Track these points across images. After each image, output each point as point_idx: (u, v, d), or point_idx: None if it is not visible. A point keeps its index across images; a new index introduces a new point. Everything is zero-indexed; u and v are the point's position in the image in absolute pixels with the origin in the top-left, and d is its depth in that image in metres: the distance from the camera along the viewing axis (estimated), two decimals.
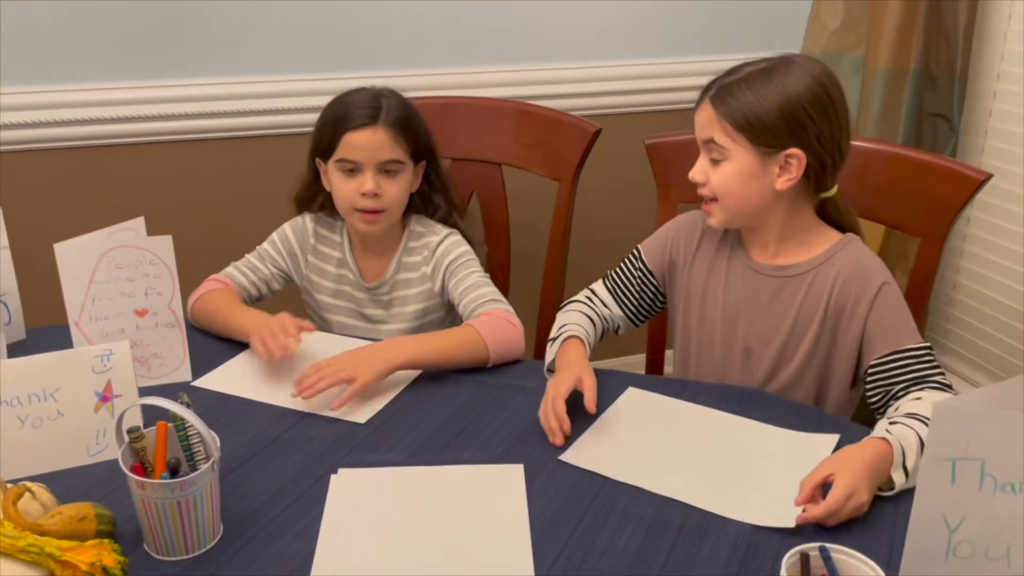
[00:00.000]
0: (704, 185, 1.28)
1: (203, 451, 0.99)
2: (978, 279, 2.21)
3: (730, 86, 1.23)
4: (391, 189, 1.44)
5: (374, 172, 1.42)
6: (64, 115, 1.87)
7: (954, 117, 2.05)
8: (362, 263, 1.54)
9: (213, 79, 1.94)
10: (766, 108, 1.20)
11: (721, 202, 1.27)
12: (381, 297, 1.53)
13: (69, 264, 1.23)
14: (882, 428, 1.11)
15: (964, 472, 0.82)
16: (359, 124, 1.41)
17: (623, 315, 1.43)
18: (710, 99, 1.25)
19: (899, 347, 1.22)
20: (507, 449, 1.15)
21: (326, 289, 1.55)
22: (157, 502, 0.93)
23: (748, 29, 2.27)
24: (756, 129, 1.21)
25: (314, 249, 1.55)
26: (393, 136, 1.42)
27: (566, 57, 2.16)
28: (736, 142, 1.23)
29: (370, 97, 1.44)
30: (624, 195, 2.24)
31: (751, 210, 1.28)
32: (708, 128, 1.25)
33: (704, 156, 1.28)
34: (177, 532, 0.95)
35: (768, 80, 1.21)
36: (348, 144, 1.42)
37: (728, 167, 1.25)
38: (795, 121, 1.20)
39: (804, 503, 1.01)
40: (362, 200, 1.43)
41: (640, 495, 1.06)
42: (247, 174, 2.03)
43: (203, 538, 0.97)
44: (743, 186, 1.25)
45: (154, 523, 0.94)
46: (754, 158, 1.23)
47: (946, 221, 1.38)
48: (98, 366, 1.12)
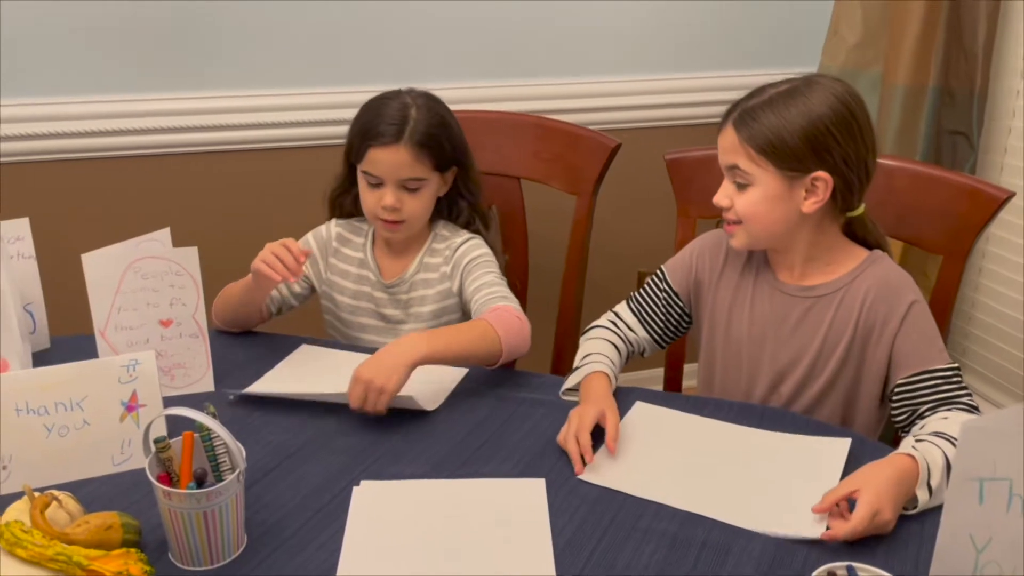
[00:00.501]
0: (729, 210, 1.26)
1: (228, 461, 1.00)
2: (996, 297, 2.20)
3: (753, 110, 1.22)
4: (412, 203, 1.47)
5: (394, 188, 1.45)
6: (92, 126, 1.90)
7: (973, 134, 2.05)
8: (383, 263, 1.56)
9: (239, 91, 1.96)
10: (790, 131, 1.19)
11: (746, 226, 1.26)
12: (399, 296, 1.55)
13: (96, 274, 1.24)
14: (908, 445, 1.11)
15: (992, 492, 0.82)
16: (382, 142, 1.43)
17: (649, 338, 1.43)
18: (733, 123, 1.23)
19: (928, 367, 1.21)
20: (528, 463, 1.15)
21: (347, 290, 1.57)
22: (183, 512, 0.94)
23: (767, 45, 2.28)
24: (781, 153, 1.20)
25: (336, 252, 1.57)
26: (415, 154, 1.43)
27: (586, 71, 2.17)
28: (761, 167, 1.21)
29: (399, 109, 1.45)
30: (642, 210, 2.24)
31: (777, 233, 1.26)
32: (732, 154, 1.24)
33: (728, 180, 1.26)
34: (202, 542, 0.95)
35: (791, 102, 1.20)
36: (371, 159, 1.44)
37: (754, 192, 1.23)
38: (820, 144, 1.19)
39: (821, 512, 1.01)
40: (382, 211, 1.46)
41: (663, 511, 1.06)
42: (272, 185, 2.05)
43: (228, 549, 0.98)
44: (769, 211, 1.23)
45: (180, 533, 0.95)
46: (780, 182, 1.22)
47: (968, 239, 1.38)
48: (124, 376, 1.12)
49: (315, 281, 1.59)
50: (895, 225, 1.45)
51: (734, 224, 1.27)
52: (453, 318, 1.56)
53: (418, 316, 1.55)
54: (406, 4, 1.99)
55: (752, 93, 1.24)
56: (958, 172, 1.51)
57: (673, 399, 1.32)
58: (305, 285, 1.59)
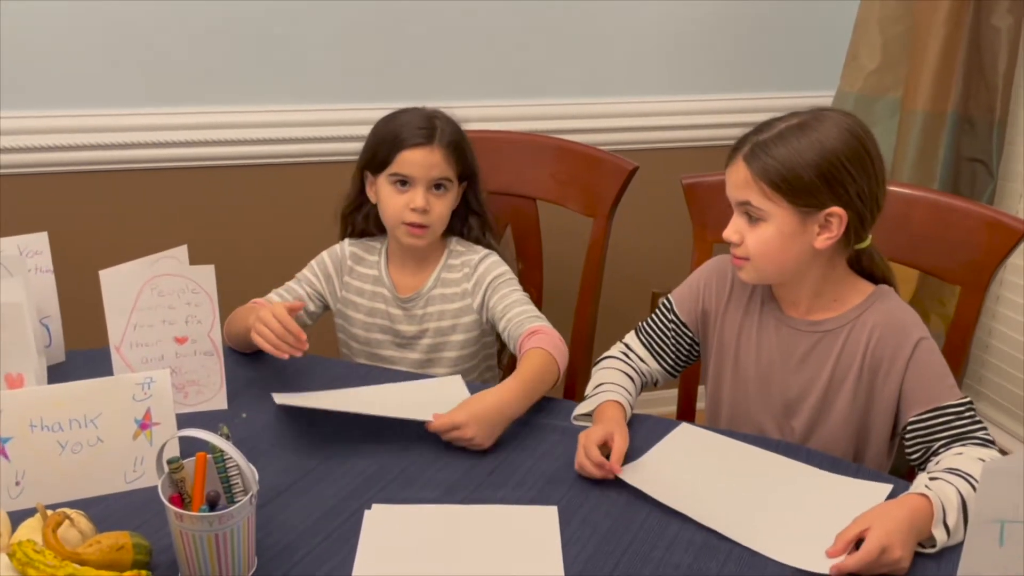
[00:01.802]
0: (739, 245, 1.24)
1: (241, 483, 1.00)
2: (1014, 325, 2.18)
3: (765, 144, 1.19)
4: (438, 206, 1.49)
5: (425, 188, 1.47)
6: (111, 139, 1.91)
7: (992, 162, 2.04)
8: (398, 279, 1.57)
9: (257, 107, 1.97)
10: (804, 166, 1.17)
11: (755, 262, 1.24)
12: (415, 312, 1.55)
13: (113, 291, 1.25)
14: (921, 484, 1.09)
15: (1012, 534, 0.81)
16: (416, 143, 1.46)
17: (660, 368, 1.42)
18: (744, 158, 1.21)
19: (938, 404, 1.20)
20: (541, 490, 1.15)
21: (361, 307, 1.57)
22: (195, 534, 0.93)
23: (785, 68, 2.28)
24: (795, 189, 1.18)
25: (351, 271, 1.58)
26: (446, 156, 1.48)
27: (603, 92, 2.17)
28: (774, 202, 1.19)
29: (424, 118, 1.50)
30: (658, 231, 2.24)
31: (788, 270, 1.24)
32: (743, 190, 1.21)
33: (738, 214, 1.24)
34: (213, 565, 0.95)
35: (803, 136, 1.18)
36: (404, 160, 1.47)
37: (766, 229, 1.21)
38: (835, 179, 1.17)
39: (835, 555, 1.00)
40: (411, 215, 1.47)
41: (677, 542, 1.05)
42: (289, 201, 2.05)
43: (238, 571, 0.97)
44: (781, 248, 1.21)
45: (191, 554, 0.95)
46: (794, 218, 1.20)
47: (987, 272, 1.36)
48: (139, 394, 1.13)
49: (330, 300, 1.59)
50: (913, 254, 1.44)
51: (742, 259, 1.25)
52: (469, 336, 1.56)
53: (432, 332, 1.55)
54: (425, 22, 2.00)
55: (760, 127, 1.22)
56: (978, 203, 1.50)
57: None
58: (320, 304, 1.59)
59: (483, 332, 1.58)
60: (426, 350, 1.56)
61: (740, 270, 1.27)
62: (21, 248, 1.35)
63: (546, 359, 1.35)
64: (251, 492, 0.96)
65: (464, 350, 1.56)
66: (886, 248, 1.42)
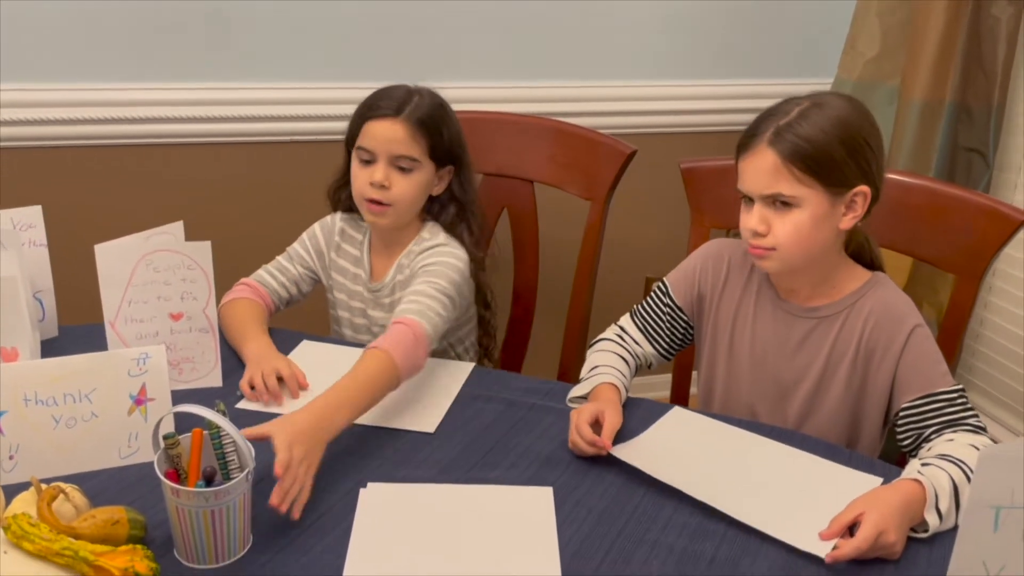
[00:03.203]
0: (764, 236, 1.20)
1: (237, 460, 0.99)
2: (1006, 315, 2.19)
3: (790, 127, 1.16)
4: (401, 184, 1.43)
5: (385, 164, 1.42)
6: (106, 113, 1.89)
7: (989, 152, 2.04)
8: (375, 262, 1.54)
9: (254, 83, 1.96)
10: (832, 145, 1.15)
11: (782, 252, 1.20)
12: (382, 300, 1.53)
13: (108, 265, 1.24)
14: (914, 469, 1.10)
15: (1008, 520, 0.81)
16: (381, 114, 1.41)
17: (655, 352, 1.42)
18: (769, 144, 1.16)
19: (931, 390, 1.20)
20: (536, 471, 1.15)
21: (344, 287, 1.56)
22: (191, 510, 0.93)
23: (784, 55, 2.27)
24: (827, 169, 1.16)
25: (338, 247, 1.56)
26: (412, 132, 1.41)
27: (602, 75, 2.16)
28: (806, 186, 1.16)
29: (404, 92, 1.44)
30: (655, 216, 2.24)
31: (815, 256, 1.22)
32: (773, 178, 1.17)
33: (760, 204, 1.20)
34: (208, 540, 0.95)
35: (822, 115, 1.16)
36: (367, 132, 1.42)
37: (799, 215, 1.17)
38: (860, 155, 1.17)
39: (830, 538, 1.01)
40: (370, 189, 1.42)
41: (672, 524, 1.05)
42: (285, 179, 2.04)
43: (233, 547, 0.97)
44: (812, 233, 1.18)
45: (186, 530, 0.94)
46: (824, 200, 1.17)
47: (983, 260, 1.36)
48: (134, 369, 1.12)
49: (322, 275, 1.58)
50: (909, 242, 1.44)
51: (768, 250, 1.20)
52: None
53: None
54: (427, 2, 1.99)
55: (771, 113, 1.20)
56: (976, 191, 1.50)
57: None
58: (311, 281, 1.58)
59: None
60: None
61: (763, 260, 1.22)
62: (15, 221, 1.34)
63: (382, 364, 1.21)
64: (247, 469, 0.96)
65: None
66: (883, 235, 1.42)
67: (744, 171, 1.21)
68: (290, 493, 1.01)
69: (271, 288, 1.52)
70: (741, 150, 1.21)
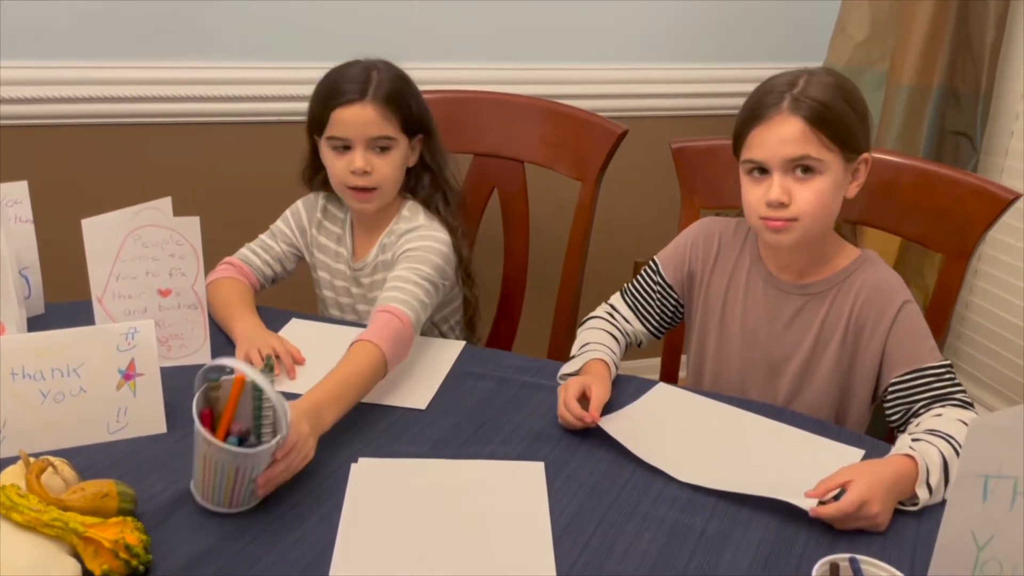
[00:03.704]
0: (787, 206, 1.18)
1: (271, 417, 1.00)
2: (990, 298, 2.21)
3: (807, 93, 1.16)
4: (382, 166, 1.41)
5: (364, 149, 1.39)
6: (93, 92, 1.87)
7: (976, 136, 2.05)
8: (357, 242, 1.53)
9: (241, 63, 1.94)
10: (847, 111, 1.17)
11: (804, 221, 1.18)
12: (363, 279, 1.52)
13: (96, 240, 1.23)
14: (905, 444, 1.10)
15: (996, 490, 0.82)
16: (347, 100, 1.37)
17: (645, 330, 1.42)
18: (791, 110, 1.16)
19: (920, 366, 1.21)
20: (527, 447, 1.15)
21: (326, 266, 1.55)
22: (218, 461, 0.94)
23: (773, 39, 2.28)
24: (845, 135, 1.17)
25: (319, 224, 1.55)
26: (382, 112, 1.38)
27: (592, 58, 2.16)
28: (831, 151, 1.16)
29: (360, 71, 1.40)
30: (645, 199, 2.24)
31: (828, 226, 1.22)
32: (800, 144, 1.15)
33: (780, 174, 1.18)
34: (227, 490, 0.97)
35: (830, 83, 1.17)
36: (337, 121, 1.38)
37: (821, 183, 1.17)
38: (866, 120, 1.19)
39: (814, 496, 1.01)
40: (353, 178, 1.40)
41: (662, 497, 1.06)
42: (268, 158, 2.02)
43: (250, 498, 1.00)
44: (832, 200, 1.19)
45: (208, 475, 0.96)
46: (841, 167, 1.18)
47: (972, 239, 1.37)
48: (122, 344, 1.11)
49: (305, 253, 1.57)
50: (899, 222, 1.45)
51: (790, 221, 1.19)
52: None
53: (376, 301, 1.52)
54: None
55: (773, 85, 1.19)
56: (965, 171, 1.51)
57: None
58: (295, 259, 1.57)
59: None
60: None
61: (783, 233, 1.19)
62: (1, 196, 1.33)
63: (370, 357, 1.20)
64: (280, 435, 0.97)
65: None
66: (872, 215, 1.44)
67: (762, 141, 1.18)
68: (278, 479, 1.00)
69: (255, 266, 1.52)
70: (754, 122, 1.19)
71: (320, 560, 0.93)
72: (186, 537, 0.96)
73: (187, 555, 0.93)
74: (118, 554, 0.86)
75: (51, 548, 0.86)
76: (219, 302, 1.40)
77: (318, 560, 0.94)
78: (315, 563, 0.93)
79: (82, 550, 0.87)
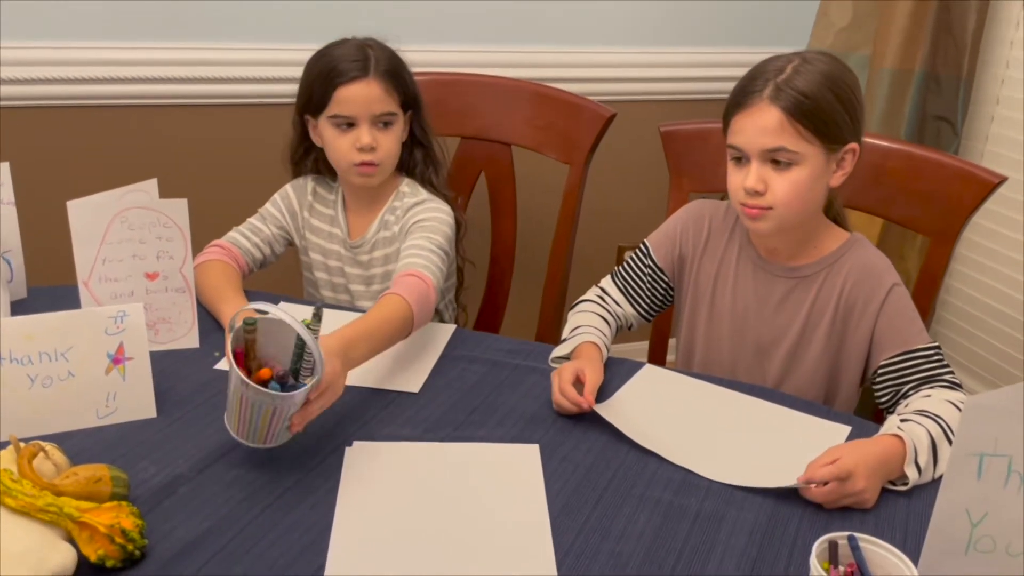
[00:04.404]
0: (762, 195, 1.18)
1: (311, 361, 1.01)
2: (971, 283, 2.23)
3: (789, 83, 1.15)
4: (386, 141, 1.43)
5: (369, 125, 1.41)
6: (75, 73, 1.84)
7: (957, 121, 2.07)
8: (352, 220, 1.53)
9: (230, 44, 1.92)
10: (831, 102, 1.16)
11: (779, 211, 1.19)
12: (360, 256, 1.52)
13: (81, 223, 1.21)
14: (893, 425, 1.12)
15: (991, 468, 0.83)
16: (351, 77, 1.38)
17: (635, 313, 1.42)
18: (771, 100, 1.15)
19: (908, 347, 1.22)
20: (522, 429, 1.15)
21: (318, 247, 1.55)
22: (256, 402, 0.96)
23: (757, 24, 2.28)
24: (827, 126, 1.16)
25: (311, 207, 1.54)
26: (385, 87, 1.40)
27: (580, 41, 2.15)
28: (809, 143, 1.16)
29: (356, 48, 1.41)
30: (633, 184, 2.24)
31: (808, 215, 1.22)
32: (777, 135, 1.15)
33: (758, 162, 1.18)
34: (263, 428, 1.00)
35: (817, 71, 1.16)
36: (341, 99, 1.39)
37: (799, 172, 1.17)
38: (853, 111, 1.18)
39: (804, 480, 1.02)
40: (359, 155, 1.41)
41: (656, 478, 1.06)
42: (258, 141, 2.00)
43: (284, 434, 1.02)
44: (809, 191, 1.18)
45: (245, 414, 0.98)
46: (822, 158, 1.18)
47: (958, 222, 1.39)
48: (111, 327, 1.09)
49: (295, 236, 1.56)
50: (885, 205, 1.46)
51: (764, 209, 1.19)
52: None
53: (374, 278, 1.53)
54: None
55: (762, 71, 1.19)
56: (951, 155, 1.52)
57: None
58: (284, 242, 1.57)
59: None
60: (371, 295, 1.53)
61: (758, 221, 1.21)
62: None
63: (399, 307, 1.23)
64: (316, 378, 0.98)
65: None
66: (858, 198, 1.44)
67: (742, 128, 1.19)
68: (311, 417, 1.03)
69: (244, 249, 1.50)
70: (736, 108, 1.20)
71: (317, 544, 0.93)
72: (181, 522, 0.95)
73: (183, 539, 0.92)
74: (114, 539, 0.85)
75: (46, 533, 0.84)
76: (208, 285, 1.39)
77: (314, 544, 0.93)
78: (311, 547, 0.93)
79: (77, 535, 0.85)
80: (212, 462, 1.04)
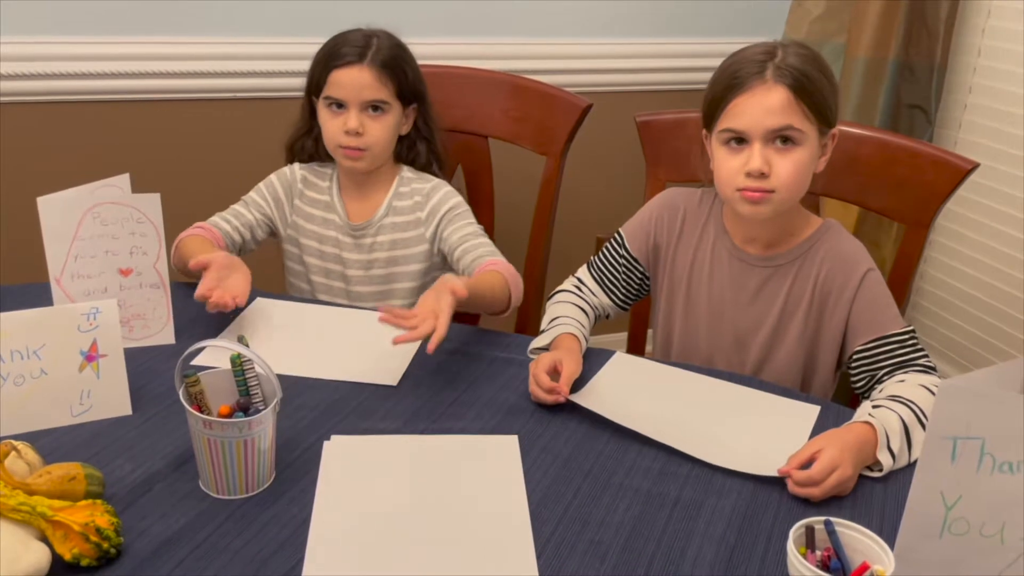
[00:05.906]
0: (767, 177, 1.17)
1: (261, 394, 1.00)
2: (945, 269, 2.26)
3: (789, 64, 1.15)
4: (375, 128, 1.45)
5: (358, 110, 1.44)
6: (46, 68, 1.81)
7: (931, 108, 2.08)
8: (349, 205, 1.54)
9: (204, 38, 1.91)
10: (825, 83, 1.18)
11: (781, 193, 1.18)
12: (364, 240, 1.53)
13: (52, 219, 1.19)
14: (865, 412, 1.12)
15: (964, 450, 0.83)
16: (345, 62, 1.43)
17: (611, 303, 1.42)
18: (776, 79, 1.15)
19: (883, 333, 1.23)
20: (500, 421, 1.15)
21: (312, 234, 1.55)
22: (223, 440, 0.94)
23: (731, 13, 2.29)
24: (823, 107, 1.17)
25: (301, 195, 1.56)
26: (378, 76, 1.43)
27: (555, 33, 2.15)
28: (811, 123, 1.17)
29: (361, 37, 1.46)
30: (610, 175, 2.24)
31: (799, 197, 1.23)
32: (785, 114, 1.15)
33: (760, 144, 1.17)
34: (240, 471, 0.96)
35: (806, 56, 1.18)
36: (334, 81, 1.44)
37: (799, 154, 1.17)
38: (836, 96, 1.20)
39: (786, 473, 1.02)
40: (345, 138, 1.44)
41: (636, 467, 1.06)
42: (234, 136, 1.99)
43: (263, 477, 0.99)
44: (807, 174, 1.20)
45: (217, 461, 0.95)
46: (817, 140, 1.19)
47: (932, 209, 1.40)
48: (84, 324, 1.08)
49: (279, 226, 1.56)
50: (859, 193, 1.47)
51: (768, 192, 1.18)
52: (422, 266, 1.55)
53: (385, 261, 1.54)
54: None
55: (752, 56, 1.18)
56: (925, 142, 1.53)
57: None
58: (266, 229, 1.56)
59: (433, 265, 1.57)
60: (379, 281, 1.55)
61: (760, 204, 1.19)
62: None
63: (501, 281, 1.38)
64: (276, 398, 0.97)
65: (417, 281, 1.55)
66: (834, 186, 1.45)
67: (745, 109, 1.17)
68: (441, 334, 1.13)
69: (224, 231, 1.51)
70: (735, 90, 1.18)
71: (295, 538, 0.93)
72: (157, 519, 0.94)
73: (159, 537, 0.91)
74: (88, 537, 0.84)
75: (19, 533, 0.83)
76: (187, 252, 1.40)
77: (292, 538, 0.93)
78: (289, 542, 0.92)
79: (51, 534, 0.85)
80: (188, 459, 1.02)
